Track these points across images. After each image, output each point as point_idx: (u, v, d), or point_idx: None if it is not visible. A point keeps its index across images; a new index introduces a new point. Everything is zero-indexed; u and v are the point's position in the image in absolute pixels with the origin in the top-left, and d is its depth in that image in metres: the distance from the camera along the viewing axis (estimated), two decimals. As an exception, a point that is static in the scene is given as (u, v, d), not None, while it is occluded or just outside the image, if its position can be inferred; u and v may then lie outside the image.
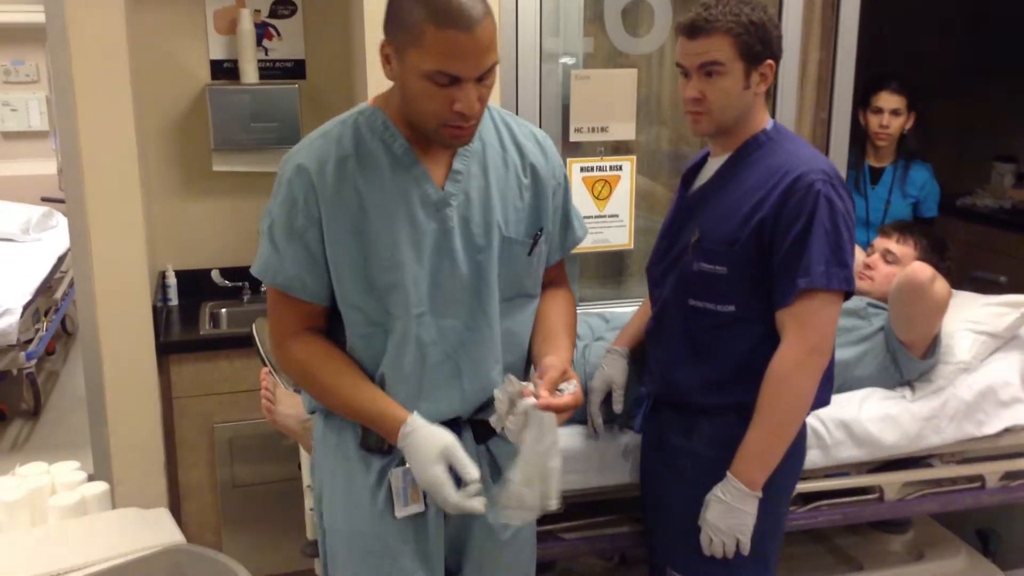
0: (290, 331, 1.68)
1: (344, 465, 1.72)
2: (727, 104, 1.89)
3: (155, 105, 3.01)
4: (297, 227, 1.60)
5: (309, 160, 1.60)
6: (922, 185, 3.39)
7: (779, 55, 1.91)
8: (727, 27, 1.83)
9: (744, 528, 1.89)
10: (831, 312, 1.87)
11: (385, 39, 1.55)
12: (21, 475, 2.47)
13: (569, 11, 2.89)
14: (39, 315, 4.74)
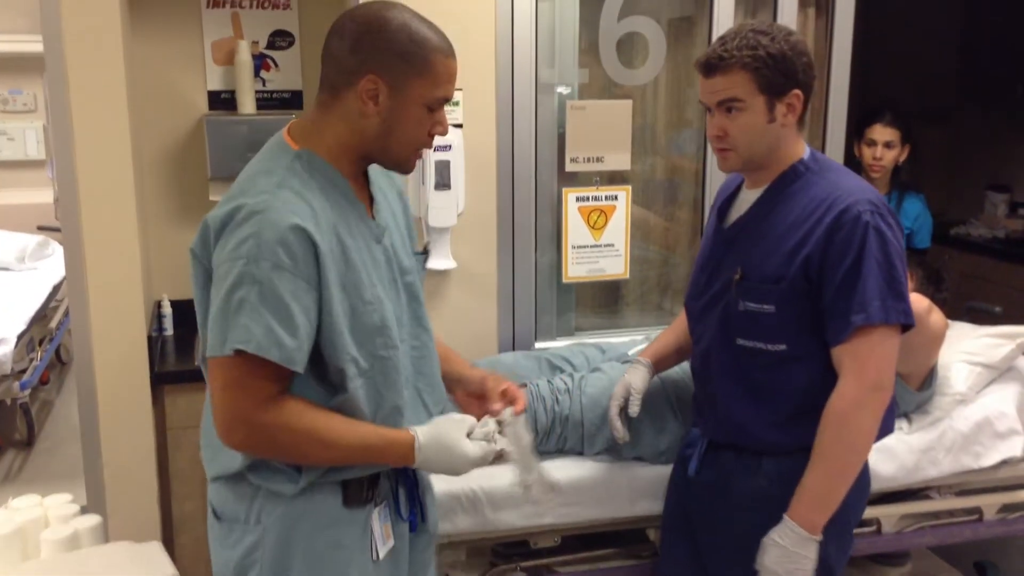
0: (261, 402, 1.50)
1: (325, 535, 1.63)
2: (752, 140, 1.84)
3: (152, 135, 3.02)
4: (298, 291, 1.48)
5: (297, 216, 1.48)
6: (916, 216, 3.40)
7: (809, 82, 1.84)
8: (743, 62, 1.79)
9: (803, 573, 1.81)
10: (890, 347, 1.81)
11: (373, 75, 1.54)
12: (13, 508, 2.45)
13: (564, 42, 2.91)
14: (33, 344, 4.72)
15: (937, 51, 5.17)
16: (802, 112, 1.86)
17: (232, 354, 1.46)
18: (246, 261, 1.46)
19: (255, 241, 1.46)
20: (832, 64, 3.08)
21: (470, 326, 2.81)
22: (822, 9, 3.07)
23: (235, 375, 1.49)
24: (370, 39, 1.55)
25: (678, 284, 3.22)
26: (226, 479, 1.64)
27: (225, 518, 1.66)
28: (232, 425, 1.52)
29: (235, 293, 1.47)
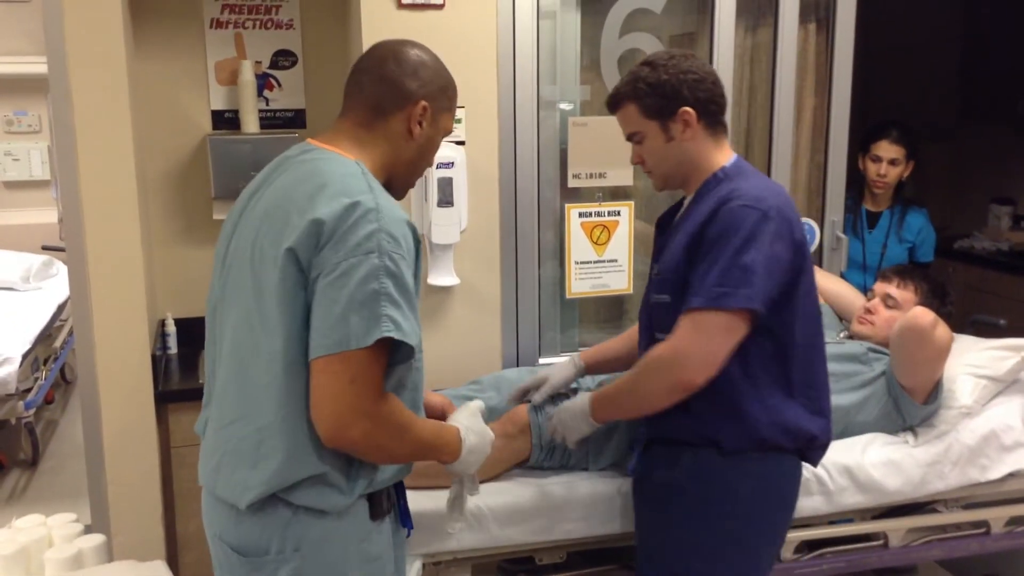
0: (378, 396, 1.55)
1: (361, 549, 1.65)
2: (659, 161, 2.00)
3: (156, 154, 3.03)
4: (414, 285, 1.61)
5: (404, 214, 1.60)
6: (918, 230, 3.40)
7: (697, 97, 1.93)
8: (628, 96, 1.98)
9: (569, 432, 2.11)
10: (720, 329, 1.84)
11: (427, 102, 1.71)
12: (17, 528, 2.45)
13: (566, 59, 2.92)
14: (38, 364, 4.73)
15: (938, 66, 5.18)
16: (707, 122, 1.96)
17: (370, 345, 1.50)
18: (379, 254, 1.51)
19: (385, 236, 1.53)
20: (833, 79, 3.09)
21: (474, 342, 2.81)
22: (823, 25, 3.09)
23: (364, 367, 1.51)
24: (426, 70, 1.72)
25: (682, 299, 3.22)
26: (253, 507, 1.59)
27: (250, 552, 1.61)
28: (353, 419, 1.52)
29: (368, 285, 1.50)
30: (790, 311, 1.90)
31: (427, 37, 2.70)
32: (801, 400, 1.96)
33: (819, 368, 2.01)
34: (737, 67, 3.01)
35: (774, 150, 3.07)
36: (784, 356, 1.92)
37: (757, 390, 1.91)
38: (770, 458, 1.96)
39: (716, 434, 1.94)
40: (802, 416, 1.96)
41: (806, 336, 1.95)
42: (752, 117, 3.14)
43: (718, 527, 1.96)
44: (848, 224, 3.34)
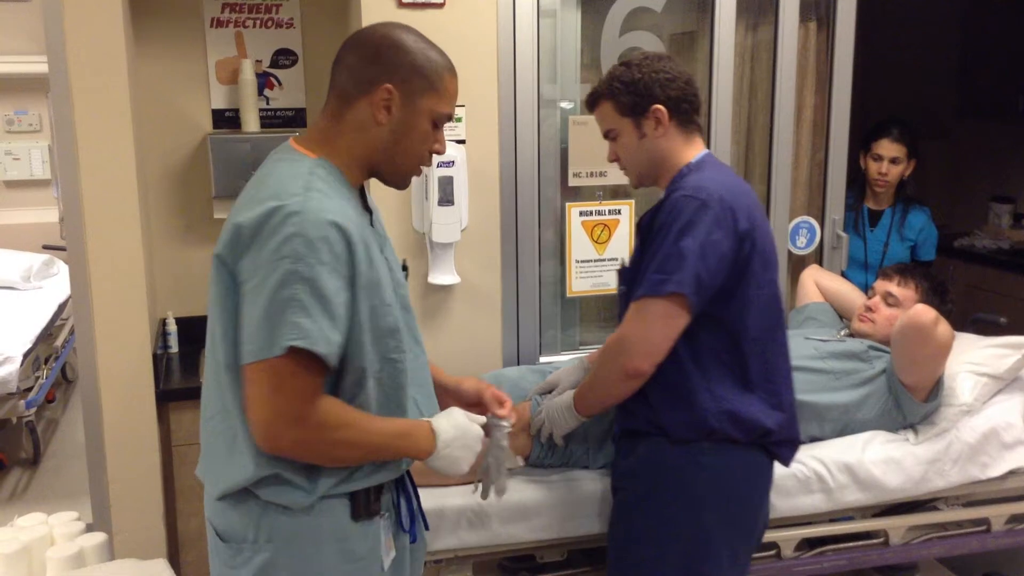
0: (309, 399, 1.53)
1: (339, 548, 1.64)
2: (633, 157, 2.06)
3: (157, 154, 3.03)
4: (339, 288, 1.52)
5: (334, 215, 1.52)
6: (920, 229, 3.40)
7: (668, 95, 2.00)
8: (604, 95, 2.05)
9: (556, 427, 2.19)
10: (661, 315, 1.90)
11: (391, 85, 1.61)
12: (19, 526, 2.45)
13: (566, 58, 2.92)
14: (39, 363, 4.73)
15: (937, 64, 5.18)
16: (679, 120, 2.02)
17: (282, 353, 1.47)
18: (292, 260, 1.48)
19: (300, 240, 1.48)
20: (833, 78, 3.09)
21: (474, 341, 2.81)
22: (823, 23, 3.09)
23: (284, 375, 1.50)
24: (390, 52, 1.62)
25: (682, 297, 3.22)
26: (230, 498, 1.63)
27: (231, 539, 1.64)
28: (280, 428, 1.52)
29: (282, 292, 1.48)
30: (740, 301, 1.93)
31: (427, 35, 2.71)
32: (759, 394, 1.97)
33: (779, 361, 2.01)
34: (738, 65, 3.01)
35: (774, 148, 3.07)
36: (737, 347, 1.95)
37: (707, 380, 1.95)
38: (724, 449, 1.98)
39: (667, 423, 1.98)
40: (757, 409, 1.97)
41: (762, 328, 1.96)
42: (753, 115, 3.14)
43: (669, 516, 2.00)
44: (850, 222, 3.35)
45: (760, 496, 2.08)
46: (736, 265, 1.91)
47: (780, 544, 2.43)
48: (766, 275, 1.97)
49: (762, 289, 1.96)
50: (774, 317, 2.00)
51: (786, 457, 2.08)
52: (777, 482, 2.37)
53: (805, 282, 3.04)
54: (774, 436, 2.00)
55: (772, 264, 2.00)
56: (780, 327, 2.02)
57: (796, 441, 2.09)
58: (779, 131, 3.05)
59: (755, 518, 2.08)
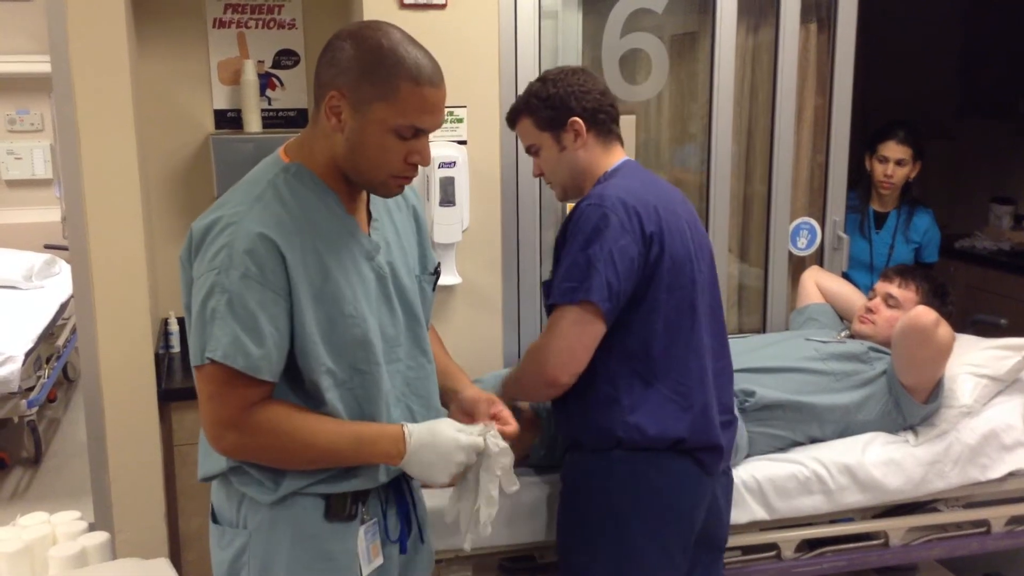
0: (244, 407, 1.53)
1: (309, 545, 1.63)
2: (556, 170, 2.09)
3: (159, 154, 3.04)
4: (265, 300, 1.50)
5: (266, 227, 1.50)
6: (924, 231, 3.41)
7: (584, 107, 2.03)
8: (522, 111, 2.09)
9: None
10: (569, 322, 1.91)
11: (336, 92, 1.54)
12: (21, 525, 2.46)
13: (567, 59, 2.93)
14: (41, 363, 4.74)
15: (938, 65, 5.18)
16: (596, 131, 2.05)
17: (207, 363, 1.51)
18: (218, 271, 1.49)
19: (227, 251, 1.49)
20: (835, 79, 3.09)
21: (475, 341, 2.81)
22: (824, 24, 3.09)
23: (216, 383, 1.52)
24: (341, 55, 1.55)
25: (683, 298, 3.23)
26: (220, 480, 1.68)
27: (220, 520, 1.69)
28: (219, 431, 1.55)
29: (208, 303, 1.51)
30: (649, 305, 1.93)
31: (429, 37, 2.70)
32: (670, 397, 1.96)
33: (690, 363, 1.99)
34: (739, 66, 3.01)
35: (775, 149, 3.07)
36: (646, 351, 1.94)
37: (616, 388, 1.95)
38: (639, 457, 1.97)
39: (581, 433, 2.00)
40: (666, 414, 1.95)
41: (673, 332, 1.95)
42: (753, 117, 3.14)
43: (593, 525, 2.01)
44: (855, 224, 3.35)
45: (690, 501, 2.02)
46: (645, 269, 1.91)
47: (780, 545, 2.43)
48: (678, 279, 1.95)
49: (674, 292, 1.95)
50: (686, 319, 1.98)
51: (707, 463, 2.02)
52: (778, 483, 2.38)
53: (806, 283, 3.04)
54: (687, 443, 1.97)
55: (685, 267, 1.97)
56: (694, 328, 1.99)
57: (717, 447, 2.03)
58: (780, 132, 3.06)
59: (687, 523, 2.03)
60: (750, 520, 2.38)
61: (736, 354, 2.61)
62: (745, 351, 2.66)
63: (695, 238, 2.02)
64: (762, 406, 2.42)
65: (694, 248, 2.00)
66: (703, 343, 2.01)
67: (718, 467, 2.07)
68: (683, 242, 1.97)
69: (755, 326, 3.21)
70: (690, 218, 2.05)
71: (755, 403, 2.41)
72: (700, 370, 2.00)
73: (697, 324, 2.00)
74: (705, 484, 2.04)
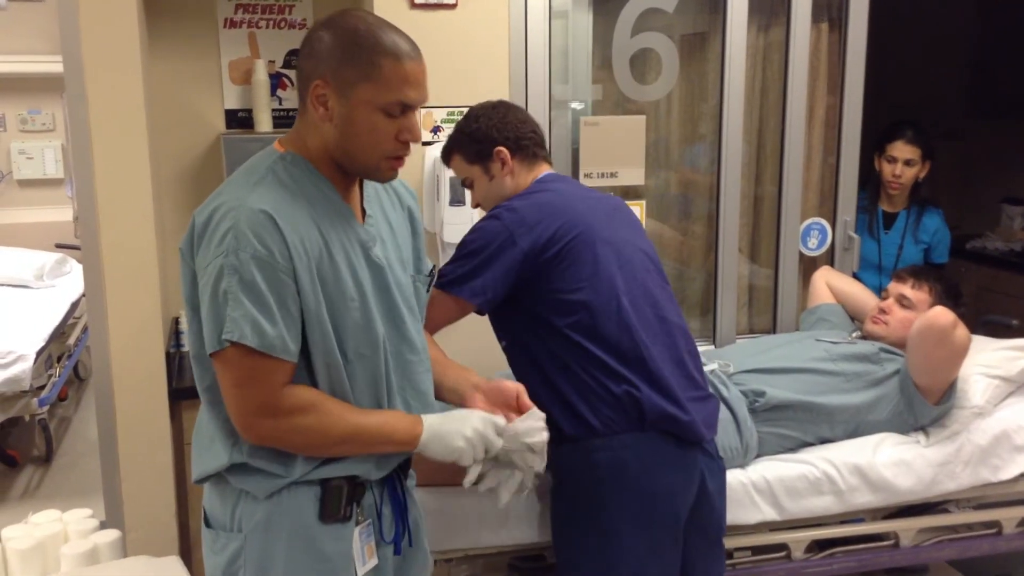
0: (275, 390, 1.54)
1: (305, 547, 1.63)
2: (489, 199, 2.19)
3: (171, 153, 3.05)
4: (274, 280, 1.51)
5: (269, 206, 1.52)
6: (934, 231, 3.39)
7: (507, 135, 2.13)
8: (451, 149, 2.21)
9: None
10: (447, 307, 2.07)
11: (320, 80, 1.55)
12: (34, 523, 2.47)
13: (578, 59, 2.93)
14: (52, 361, 4.75)
15: (949, 65, 5.17)
16: (520, 156, 2.15)
17: (227, 347, 1.50)
18: (226, 254, 1.50)
19: (233, 234, 1.50)
20: (846, 79, 3.09)
21: (484, 340, 2.80)
22: (835, 24, 3.08)
23: (242, 368, 1.53)
24: (320, 44, 1.57)
25: (693, 297, 3.23)
26: (213, 482, 1.67)
27: (213, 524, 1.68)
28: (252, 420, 1.55)
29: (219, 286, 1.51)
30: (569, 304, 2.00)
31: (439, 37, 2.72)
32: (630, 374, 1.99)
33: (624, 344, 2.01)
34: (749, 66, 3.01)
35: (786, 149, 3.07)
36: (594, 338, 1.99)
37: (572, 380, 2.01)
38: (612, 442, 1.99)
39: (556, 426, 1.99)
40: (615, 397, 1.99)
41: (602, 320, 2.00)
42: (764, 117, 3.14)
43: (575, 517, 2.04)
44: (864, 225, 3.34)
45: (669, 482, 2.03)
46: (534, 267, 2.00)
47: (790, 545, 2.43)
48: (587, 269, 2.01)
49: (585, 279, 2.01)
50: (610, 296, 2.02)
51: (687, 434, 2.03)
52: (788, 483, 2.37)
53: (817, 283, 3.04)
54: (653, 416, 1.99)
55: (594, 259, 2.02)
56: (620, 310, 2.02)
57: (680, 420, 2.02)
58: (791, 132, 3.05)
59: (668, 506, 2.03)
60: (760, 520, 2.37)
61: (746, 355, 2.62)
62: (755, 352, 2.66)
63: (618, 227, 2.12)
64: (772, 406, 2.41)
65: (617, 235, 2.09)
66: (634, 325, 2.02)
67: (695, 441, 2.05)
68: (587, 242, 2.03)
69: (765, 327, 3.21)
70: (611, 208, 2.16)
71: (765, 403, 2.41)
72: (634, 349, 2.01)
73: (623, 306, 2.02)
74: (684, 465, 2.04)
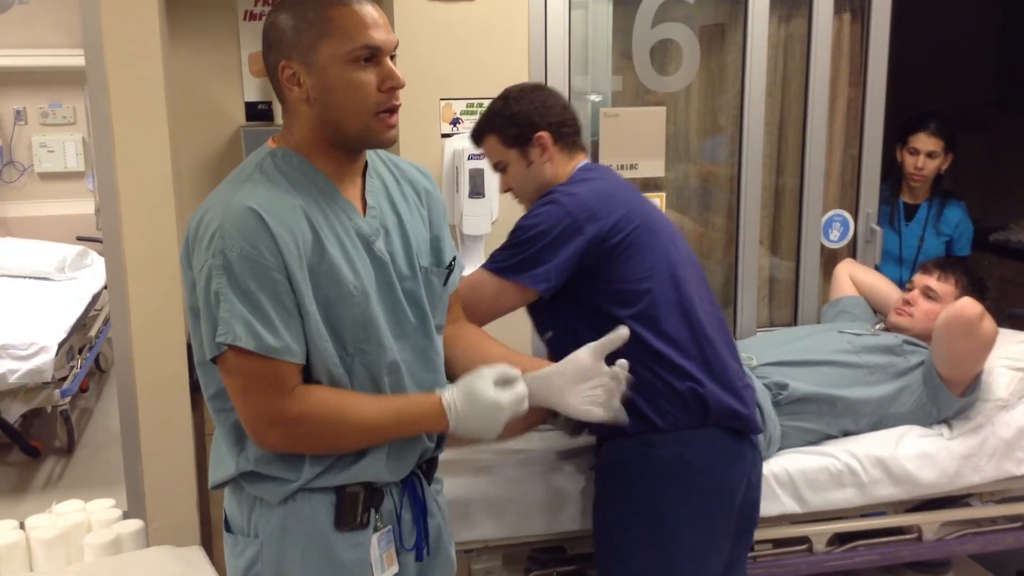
0: (284, 395, 1.50)
1: (321, 556, 1.60)
2: (524, 185, 2.14)
3: (191, 146, 3.06)
4: (265, 278, 1.47)
5: (254, 202, 1.49)
6: (956, 224, 3.36)
7: (548, 120, 2.09)
8: (487, 130, 2.13)
9: None
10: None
11: (284, 60, 1.53)
12: (57, 512, 2.49)
13: (597, 49, 2.92)
14: (73, 353, 4.79)
15: (974, 56, 5.11)
16: (562, 143, 2.11)
17: (224, 351, 1.47)
18: (214, 254, 1.47)
19: (220, 234, 1.47)
20: (868, 70, 3.06)
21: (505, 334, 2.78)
22: (857, 15, 3.06)
23: (243, 375, 1.49)
24: (273, 30, 1.55)
25: (714, 290, 3.20)
26: (230, 488, 1.65)
27: (232, 528, 1.66)
28: (262, 428, 1.52)
29: (210, 288, 1.48)
30: (633, 294, 1.98)
31: (458, 28, 2.72)
32: (687, 370, 1.98)
33: (700, 328, 2.02)
34: (771, 57, 2.99)
35: (808, 141, 3.04)
36: (657, 334, 1.97)
37: (645, 371, 1.96)
38: (676, 437, 1.99)
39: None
40: (687, 390, 1.98)
41: (666, 310, 1.99)
42: (786, 108, 3.12)
43: (634, 512, 2.01)
44: (885, 217, 3.31)
45: (729, 477, 2.04)
46: (604, 256, 1.97)
47: (812, 539, 2.42)
48: (650, 258, 2.00)
49: (651, 271, 2.00)
50: (672, 284, 2.02)
51: (748, 429, 2.06)
52: (809, 476, 2.36)
53: (840, 276, 3.02)
54: (719, 412, 2.00)
55: (656, 247, 2.02)
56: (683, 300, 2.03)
57: (740, 414, 2.04)
58: (812, 124, 3.03)
59: (728, 501, 2.04)
60: (781, 513, 2.36)
61: (768, 347, 2.61)
62: (777, 343, 2.64)
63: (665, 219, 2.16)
64: (795, 399, 2.40)
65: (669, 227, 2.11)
66: (697, 315, 2.03)
67: (754, 433, 2.10)
68: (647, 231, 2.02)
69: (786, 320, 3.19)
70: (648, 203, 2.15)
71: (788, 396, 2.40)
72: (696, 341, 2.01)
73: (685, 296, 2.03)
74: (741, 458, 2.07)
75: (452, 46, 2.70)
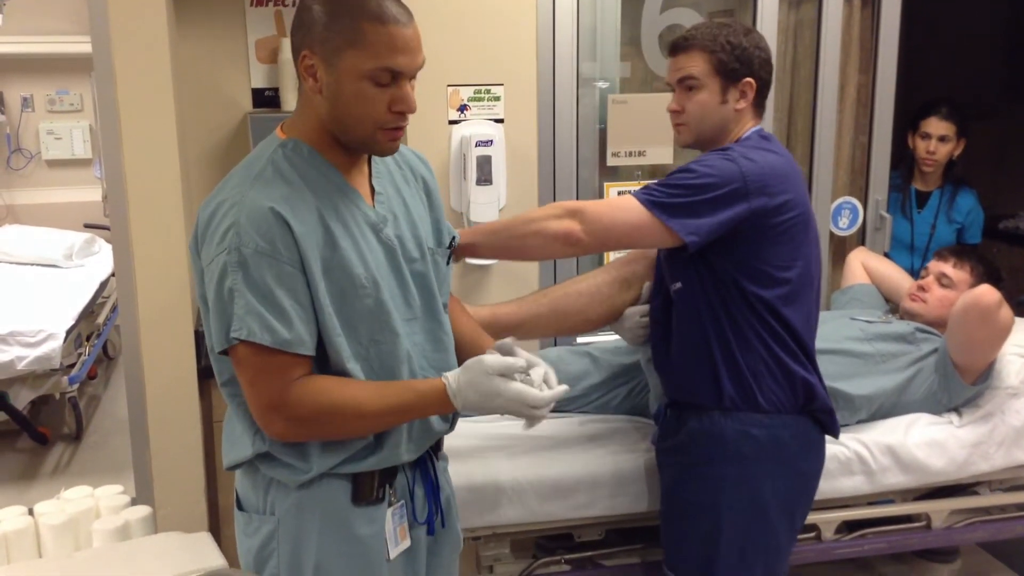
0: (287, 385, 1.53)
1: (338, 529, 1.64)
2: (703, 116, 2.01)
3: (198, 132, 3.05)
4: (281, 273, 1.49)
5: (271, 200, 1.50)
6: (968, 211, 3.34)
7: (762, 75, 2.01)
8: (703, 45, 1.98)
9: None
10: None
11: (307, 50, 1.52)
12: (66, 499, 2.50)
13: (606, 36, 2.91)
14: (81, 340, 4.80)
15: (985, 43, 5.08)
16: (757, 101, 2.02)
17: (236, 344, 1.50)
18: (228, 251, 1.48)
19: (235, 230, 1.48)
20: (879, 56, 3.05)
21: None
22: (867, 1, 3.04)
23: (253, 366, 1.52)
24: (307, 14, 1.53)
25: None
26: (244, 468, 1.67)
27: (246, 507, 1.69)
28: (267, 417, 1.55)
29: (224, 283, 1.49)
30: (780, 271, 1.94)
31: (467, 15, 2.71)
32: (797, 355, 1.99)
33: (807, 321, 2.02)
34: (780, 43, 2.97)
35: (817, 127, 3.03)
36: (776, 316, 1.95)
37: (750, 351, 1.96)
38: (773, 419, 1.99)
39: (716, 395, 1.98)
40: (794, 375, 1.98)
41: (795, 294, 1.96)
42: (795, 94, 3.10)
43: (724, 488, 2.00)
44: (897, 204, 3.29)
45: (814, 465, 2.09)
46: (759, 232, 1.91)
47: (820, 526, 2.41)
48: (801, 250, 1.97)
49: (796, 263, 1.96)
50: (807, 281, 2.01)
51: (831, 426, 2.09)
52: (818, 463, 2.36)
53: (852, 263, 3.00)
54: (818, 402, 2.02)
55: (807, 241, 1.99)
56: (813, 288, 2.03)
57: (833, 411, 2.09)
58: (822, 110, 3.01)
59: (811, 488, 2.10)
60: (789, 501, 2.36)
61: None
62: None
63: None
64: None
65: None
66: (815, 311, 2.06)
67: (833, 435, 2.12)
68: (805, 220, 1.99)
69: (794, 307, 3.18)
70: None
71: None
72: (810, 334, 2.04)
73: (818, 292, 2.05)
74: (823, 451, 2.11)
75: (460, 32, 2.68)
